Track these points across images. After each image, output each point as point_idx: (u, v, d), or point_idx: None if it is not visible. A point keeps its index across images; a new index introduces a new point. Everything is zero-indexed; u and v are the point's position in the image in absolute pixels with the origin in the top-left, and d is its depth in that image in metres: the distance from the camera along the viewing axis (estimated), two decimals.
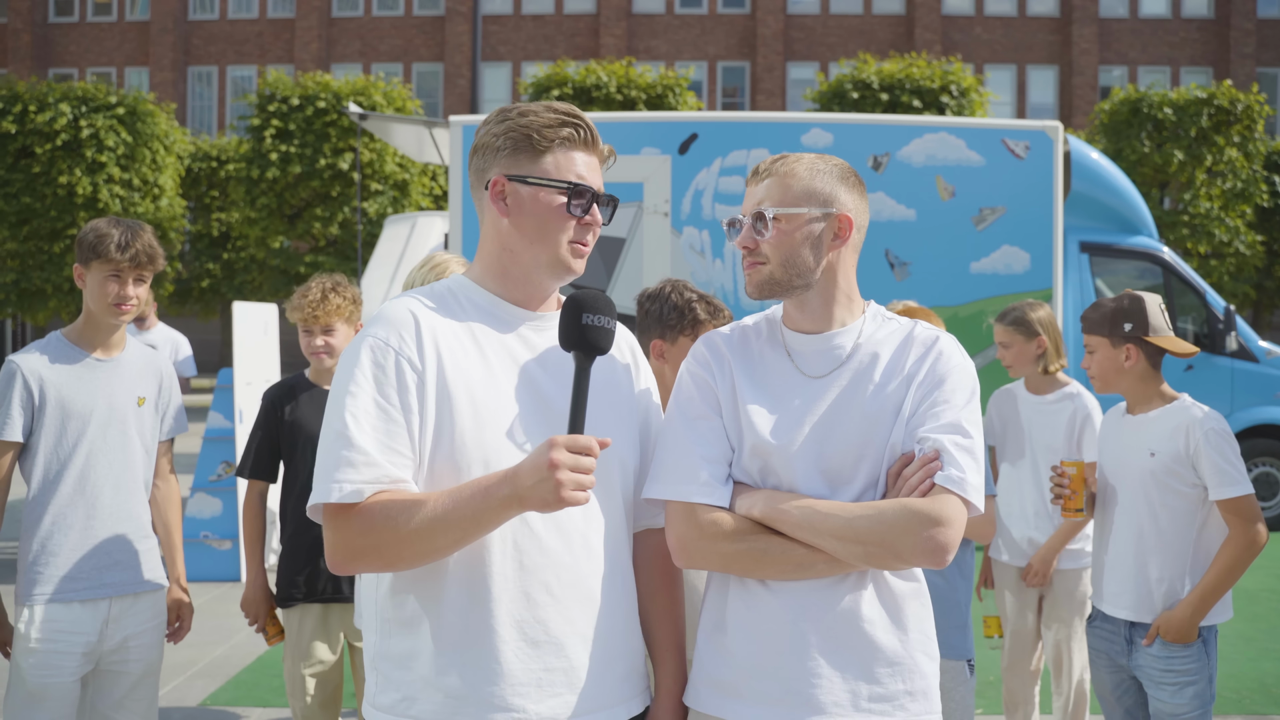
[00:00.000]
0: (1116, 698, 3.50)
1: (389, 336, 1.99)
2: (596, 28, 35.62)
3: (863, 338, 2.14)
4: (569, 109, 2.08)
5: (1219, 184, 23.31)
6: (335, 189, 24.72)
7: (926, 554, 1.96)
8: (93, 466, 3.28)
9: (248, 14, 36.60)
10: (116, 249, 3.24)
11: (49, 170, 24.27)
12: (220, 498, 8.37)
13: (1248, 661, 6.28)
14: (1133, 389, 3.46)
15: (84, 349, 3.33)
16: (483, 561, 1.95)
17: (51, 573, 3.23)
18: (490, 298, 2.09)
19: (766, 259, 2.11)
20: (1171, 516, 3.34)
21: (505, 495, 1.87)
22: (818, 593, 2.05)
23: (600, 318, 1.96)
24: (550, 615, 1.97)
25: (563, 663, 1.97)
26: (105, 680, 3.35)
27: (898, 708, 2.04)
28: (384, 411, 1.94)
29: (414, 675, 1.97)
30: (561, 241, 2.06)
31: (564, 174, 2.06)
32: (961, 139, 8.81)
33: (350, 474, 1.91)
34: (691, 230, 8.72)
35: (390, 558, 1.92)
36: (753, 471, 2.11)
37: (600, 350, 1.96)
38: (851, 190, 2.15)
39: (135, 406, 3.39)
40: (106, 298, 3.27)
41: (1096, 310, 3.50)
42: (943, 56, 31.73)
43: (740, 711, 2.06)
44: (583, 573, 2.01)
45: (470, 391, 1.98)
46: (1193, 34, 35.02)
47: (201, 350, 33.72)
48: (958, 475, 2.00)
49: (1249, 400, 10.23)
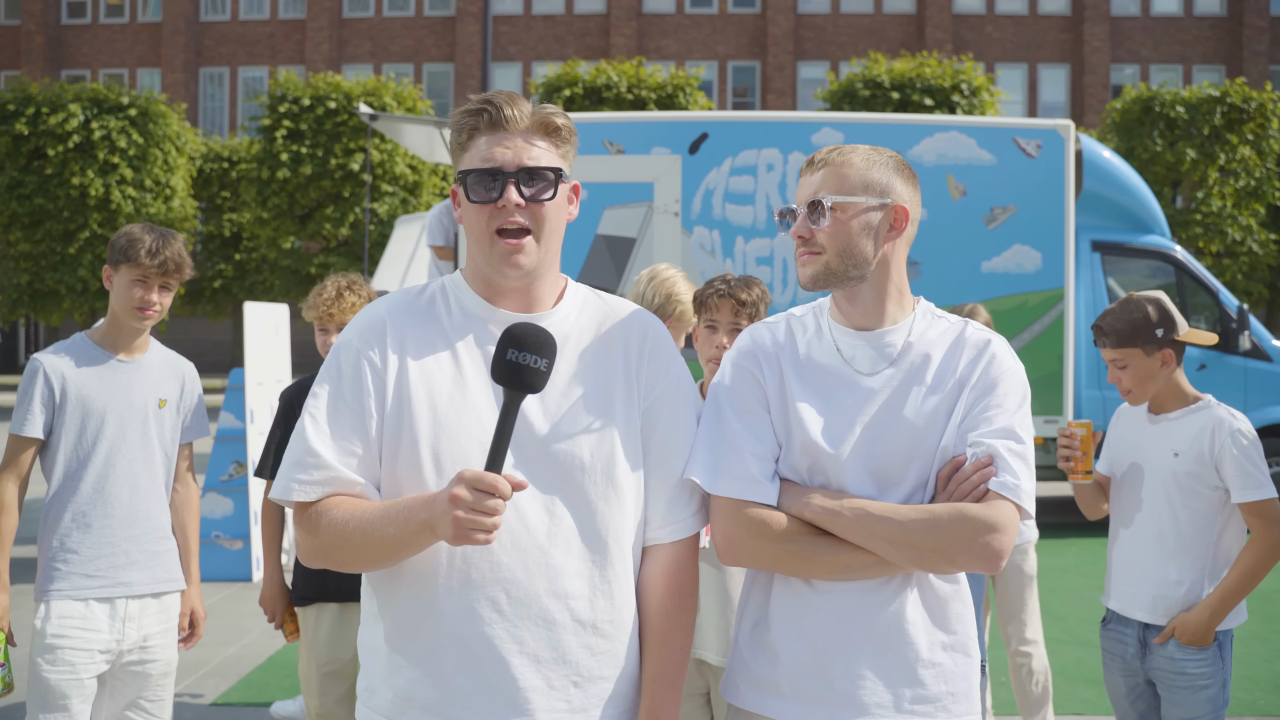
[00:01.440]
0: (1130, 701, 3.47)
1: (353, 338, 1.99)
2: (607, 27, 35.62)
3: (913, 336, 2.11)
4: (487, 96, 1.99)
5: (1232, 182, 23.21)
6: (346, 189, 24.77)
7: (981, 560, 1.95)
8: (112, 466, 3.31)
9: (259, 15, 36.69)
10: (146, 254, 3.29)
11: (61, 172, 24.40)
12: (232, 497, 8.39)
13: (1262, 662, 6.25)
14: (1165, 391, 3.39)
15: (107, 350, 3.37)
16: (432, 572, 1.91)
17: (69, 570, 3.25)
18: (476, 299, 2.03)
19: (822, 249, 2.07)
20: (1193, 518, 3.31)
21: (421, 520, 1.81)
22: (864, 594, 2.03)
23: (527, 356, 1.81)
24: (496, 633, 1.89)
25: (506, 683, 1.89)
26: (123, 680, 3.37)
27: (940, 709, 2.03)
28: (341, 413, 1.93)
29: (375, 668, 1.98)
30: (486, 235, 1.96)
31: (470, 164, 1.97)
32: (973, 138, 8.79)
33: (301, 474, 1.92)
34: (702, 230, 8.71)
35: (336, 559, 1.94)
36: (801, 469, 2.08)
37: (528, 389, 1.82)
38: (907, 182, 2.13)
39: (156, 408, 3.42)
40: (131, 301, 3.32)
41: (1120, 322, 3.36)
42: (954, 55, 31.65)
43: (782, 709, 2.05)
44: (537, 591, 1.90)
45: (431, 397, 1.93)
46: (1205, 31, 34.87)
47: (213, 350, 33.86)
48: (1012, 481, 1.98)
49: (1262, 399, 10.18)
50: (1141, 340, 3.33)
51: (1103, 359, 3.47)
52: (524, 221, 1.96)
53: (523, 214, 1.95)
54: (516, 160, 1.95)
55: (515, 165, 1.95)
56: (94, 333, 3.41)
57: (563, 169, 2.00)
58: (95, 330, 3.42)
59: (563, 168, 2.01)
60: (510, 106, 1.96)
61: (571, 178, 2.06)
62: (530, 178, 1.96)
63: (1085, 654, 6.22)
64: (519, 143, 1.96)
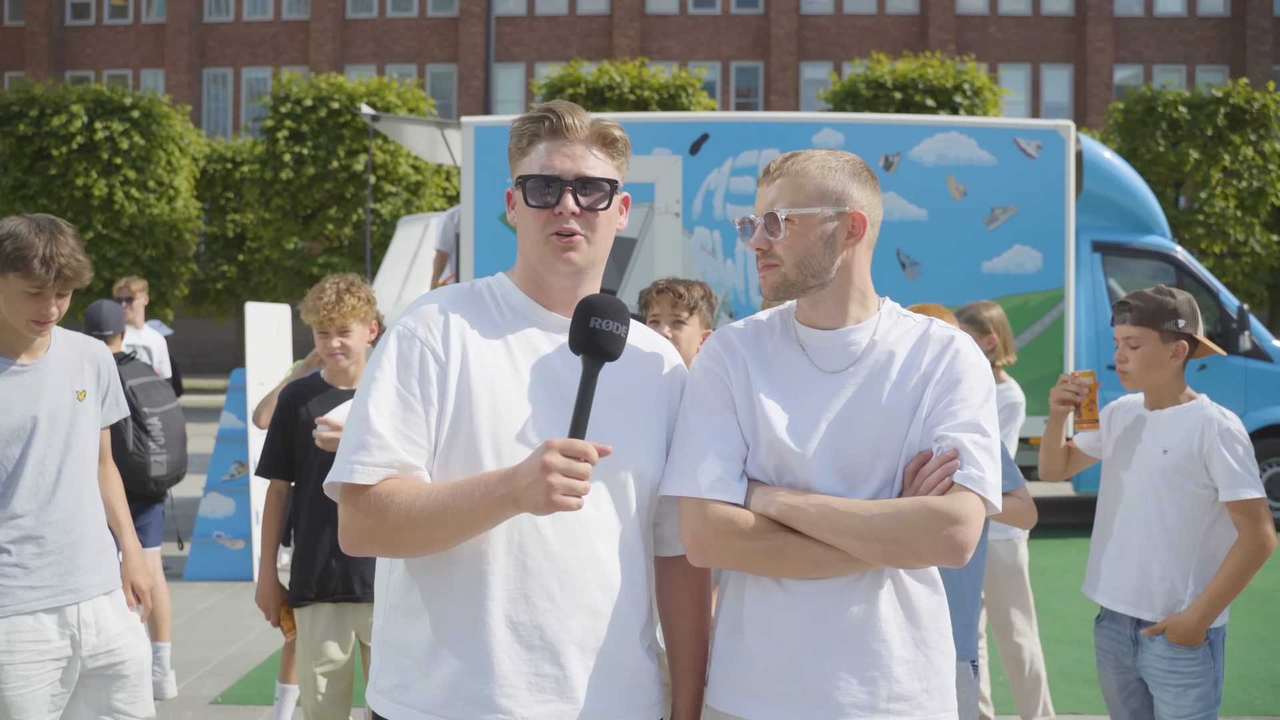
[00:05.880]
0: (1123, 699, 3.49)
1: (416, 327, 2.04)
2: (610, 28, 35.64)
3: (878, 334, 2.12)
4: (549, 105, 2.08)
5: (1234, 184, 23.19)
6: (349, 190, 24.80)
7: (946, 552, 1.96)
8: (42, 475, 3.12)
9: (263, 16, 36.73)
10: (40, 264, 3.00)
11: (65, 173, 24.46)
12: (233, 497, 8.41)
13: (1260, 662, 6.26)
14: (1164, 385, 3.40)
15: (6, 357, 3.11)
16: (486, 559, 1.97)
17: (13, 584, 3.07)
18: (524, 299, 2.12)
19: (780, 260, 2.09)
20: (1180, 515, 3.33)
21: (502, 494, 1.88)
22: (835, 593, 2.04)
23: (609, 323, 1.94)
24: (548, 620, 1.97)
25: (555, 670, 1.96)
26: (99, 684, 3.23)
27: (916, 706, 2.04)
28: (403, 399, 1.98)
29: (411, 663, 2.00)
30: (540, 237, 2.05)
31: (529, 169, 2.06)
32: (973, 138, 8.81)
33: (364, 456, 1.95)
34: (703, 230, 8.73)
35: (393, 543, 1.96)
36: (768, 468, 2.10)
37: (608, 355, 1.94)
38: (864, 186, 2.12)
39: (76, 402, 3.22)
40: (25, 314, 3.06)
41: (1146, 302, 3.37)
42: (957, 56, 31.65)
43: (759, 712, 2.06)
44: (587, 582, 1.99)
45: (491, 388, 2.00)
46: (1208, 32, 34.84)
47: (215, 351, 33.91)
48: (977, 474, 1.99)
49: (1263, 400, 10.18)
50: (1160, 323, 3.34)
51: (1115, 338, 3.46)
52: (578, 228, 2.05)
53: (577, 221, 2.04)
54: (575, 169, 2.04)
55: (574, 174, 2.04)
56: None
57: (617, 180, 2.10)
58: None
59: (617, 179, 2.10)
60: (571, 116, 2.05)
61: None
62: (586, 187, 2.04)
63: (1083, 654, 6.23)
64: (578, 151, 2.05)
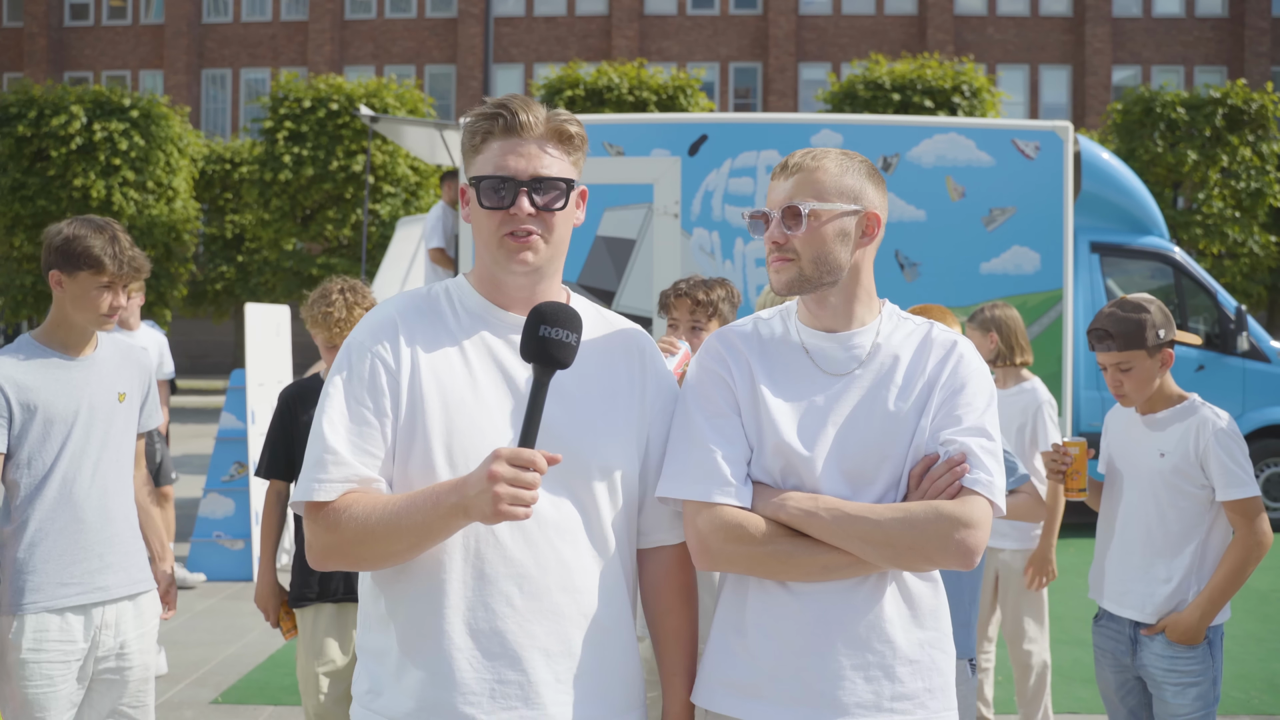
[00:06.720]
0: (1120, 697, 3.51)
1: (367, 338, 2.02)
2: (608, 29, 35.64)
3: (881, 337, 2.13)
4: (503, 100, 2.02)
5: (1232, 184, 23.20)
6: (348, 191, 24.78)
7: (957, 556, 1.97)
8: (79, 469, 3.17)
9: (261, 17, 36.73)
10: (111, 260, 3.16)
11: (64, 174, 24.43)
12: (233, 498, 8.42)
13: (1258, 661, 6.27)
14: (1155, 391, 3.42)
15: (56, 350, 3.20)
16: (444, 567, 1.95)
17: (40, 580, 3.11)
18: (480, 301, 2.07)
19: (796, 255, 2.07)
20: (1180, 517, 3.35)
21: (452, 504, 1.85)
22: (840, 594, 2.04)
23: (559, 330, 1.89)
24: (509, 627, 1.93)
25: (519, 676, 1.93)
26: (103, 687, 3.23)
27: (919, 705, 2.05)
28: (356, 413, 1.97)
29: (384, 670, 1.99)
30: (495, 238, 2.00)
31: (483, 169, 2.01)
32: (971, 139, 8.81)
33: (321, 474, 1.94)
34: (701, 231, 8.74)
35: (355, 556, 1.95)
36: (774, 471, 2.09)
37: (559, 364, 1.89)
38: (878, 188, 2.13)
39: (116, 403, 3.28)
40: (99, 307, 3.19)
41: (1125, 324, 3.35)
42: (955, 57, 31.64)
43: (762, 712, 2.05)
44: (549, 586, 1.95)
45: (443, 394, 1.97)
46: (1207, 33, 34.86)
47: (215, 352, 33.91)
48: (985, 478, 2.01)
49: (1261, 401, 10.20)
50: (1145, 342, 3.34)
51: (1100, 363, 3.42)
52: (534, 228, 2.00)
53: (533, 221, 2.00)
54: (530, 169, 1.99)
55: (528, 174, 1.99)
56: (40, 334, 3.23)
57: (574, 179, 2.05)
58: (40, 331, 3.24)
59: (574, 177, 2.05)
60: (525, 112, 1.99)
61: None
62: (541, 186, 1.99)
63: (1081, 653, 6.24)
64: (533, 150, 1.99)
